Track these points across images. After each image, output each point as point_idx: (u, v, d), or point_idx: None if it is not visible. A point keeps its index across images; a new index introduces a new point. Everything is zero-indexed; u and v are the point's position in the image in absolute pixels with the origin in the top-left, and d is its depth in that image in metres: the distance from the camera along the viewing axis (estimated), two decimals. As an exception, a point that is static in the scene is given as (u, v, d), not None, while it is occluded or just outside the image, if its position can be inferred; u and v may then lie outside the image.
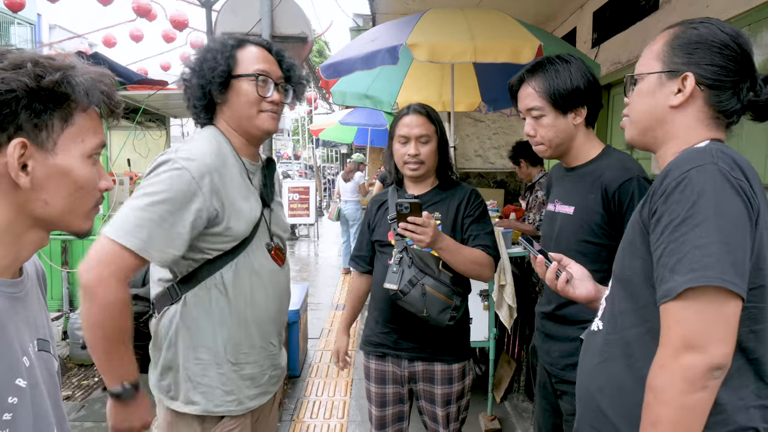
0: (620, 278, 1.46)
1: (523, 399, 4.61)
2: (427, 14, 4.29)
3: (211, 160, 1.83)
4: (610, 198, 2.02)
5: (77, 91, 1.05)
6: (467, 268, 2.40)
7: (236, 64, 1.92)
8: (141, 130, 6.51)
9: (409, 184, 2.62)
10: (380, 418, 2.67)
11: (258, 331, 1.97)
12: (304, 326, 5.60)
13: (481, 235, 2.48)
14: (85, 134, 1.09)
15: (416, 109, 2.53)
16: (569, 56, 2.18)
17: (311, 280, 9.81)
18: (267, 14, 4.80)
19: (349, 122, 12.28)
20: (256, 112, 1.93)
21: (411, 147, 2.48)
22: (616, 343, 1.43)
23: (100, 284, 1.64)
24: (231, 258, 1.89)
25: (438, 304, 2.33)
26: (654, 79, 1.48)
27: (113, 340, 1.69)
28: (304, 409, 4.61)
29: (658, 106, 1.47)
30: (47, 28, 27.68)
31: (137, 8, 10.62)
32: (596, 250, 2.05)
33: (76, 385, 5.02)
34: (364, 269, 2.78)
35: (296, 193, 13.37)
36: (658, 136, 1.49)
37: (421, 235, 2.19)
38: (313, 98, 23.56)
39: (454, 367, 2.55)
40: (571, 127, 2.14)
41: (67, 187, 1.07)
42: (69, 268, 5.90)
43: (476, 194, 2.58)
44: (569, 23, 7.03)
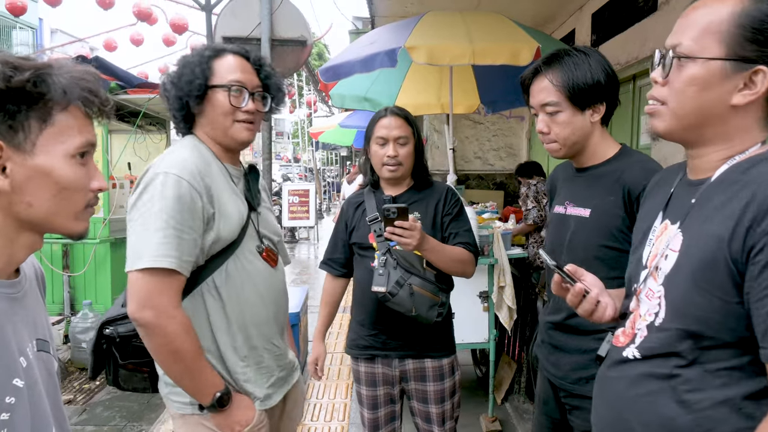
0: (681, 312, 1.20)
1: (524, 400, 4.61)
2: (425, 17, 4.31)
3: (196, 163, 1.84)
4: (634, 200, 1.85)
5: (53, 90, 1.03)
6: (450, 266, 2.44)
7: (212, 74, 1.92)
8: (141, 133, 6.53)
9: (386, 186, 2.63)
10: (373, 420, 2.67)
11: (257, 333, 1.96)
12: (304, 329, 5.60)
13: (460, 233, 2.52)
14: (67, 133, 1.06)
15: (394, 111, 2.55)
16: (588, 48, 2.00)
17: (311, 282, 9.81)
18: (266, 18, 4.82)
19: (349, 125, 12.30)
20: (230, 122, 1.93)
21: (390, 148, 2.49)
22: (668, 377, 1.22)
23: (162, 318, 1.68)
24: (221, 262, 1.88)
25: (426, 302, 2.36)
26: (716, 67, 1.17)
27: (193, 361, 1.75)
28: (305, 412, 4.61)
29: (716, 101, 1.19)
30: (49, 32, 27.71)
31: (138, 12, 10.65)
32: (616, 256, 1.89)
33: (78, 388, 5.02)
34: (338, 272, 2.77)
35: (296, 196, 13.40)
36: (705, 135, 1.24)
37: (409, 238, 2.21)
38: (312, 101, 23.58)
39: (444, 362, 2.57)
40: (588, 124, 1.97)
41: (50, 189, 1.05)
42: (70, 271, 5.92)
43: (452, 192, 2.62)
44: (568, 25, 7.05)
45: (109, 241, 5.93)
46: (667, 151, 4.55)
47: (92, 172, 1.12)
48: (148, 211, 1.73)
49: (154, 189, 1.75)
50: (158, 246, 1.69)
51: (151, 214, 1.72)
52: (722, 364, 1.15)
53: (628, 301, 1.43)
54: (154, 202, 1.73)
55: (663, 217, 1.37)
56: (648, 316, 1.30)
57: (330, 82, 4.64)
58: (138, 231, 1.73)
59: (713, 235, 1.14)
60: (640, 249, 1.43)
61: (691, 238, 1.21)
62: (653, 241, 1.36)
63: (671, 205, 1.36)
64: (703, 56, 1.19)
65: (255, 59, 2.03)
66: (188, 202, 1.75)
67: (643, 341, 1.30)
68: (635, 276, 1.41)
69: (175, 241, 1.71)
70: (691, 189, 1.29)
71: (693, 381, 1.18)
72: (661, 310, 1.26)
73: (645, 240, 1.41)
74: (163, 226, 1.71)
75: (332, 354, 6.01)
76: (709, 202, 1.20)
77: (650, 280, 1.32)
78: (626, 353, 1.33)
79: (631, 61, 5.18)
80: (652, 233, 1.39)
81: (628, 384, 1.31)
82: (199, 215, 1.79)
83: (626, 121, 5.50)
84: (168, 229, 1.71)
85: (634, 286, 1.39)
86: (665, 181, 1.48)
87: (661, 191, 1.46)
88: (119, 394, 4.89)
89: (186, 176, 1.77)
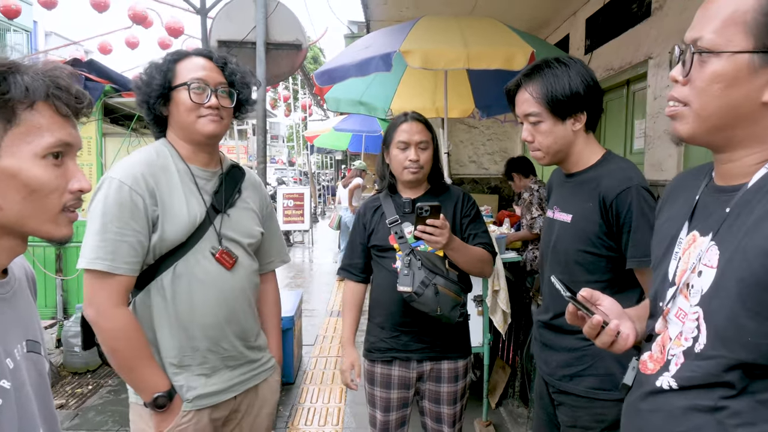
0: (727, 338, 1.06)
1: (518, 404, 4.61)
2: (420, 21, 4.32)
3: (142, 167, 1.93)
4: (608, 208, 1.93)
5: (14, 88, 0.99)
6: (472, 265, 2.50)
7: (174, 76, 1.99)
8: (136, 136, 6.50)
9: (404, 189, 2.66)
10: (384, 423, 2.68)
11: (202, 335, 1.99)
12: (298, 333, 5.59)
13: (479, 234, 2.59)
14: (34, 133, 1.02)
15: (415, 117, 2.61)
16: (569, 59, 2.07)
17: (306, 286, 9.79)
18: (261, 21, 4.81)
19: (344, 128, 12.31)
20: (195, 117, 1.98)
21: (411, 152, 2.54)
22: (714, 410, 1.09)
23: (100, 316, 1.83)
24: (171, 262, 1.95)
25: (450, 302, 2.42)
26: (743, 61, 1.05)
27: (131, 359, 1.87)
28: (299, 416, 4.60)
29: (745, 99, 1.06)
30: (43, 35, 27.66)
31: (133, 15, 10.65)
32: (594, 260, 1.98)
33: (70, 393, 4.99)
34: (359, 278, 2.77)
35: (291, 200, 13.36)
36: (736, 137, 1.11)
37: (439, 237, 2.26)
38: (307, 105, 23.57)
39: (459, 364, 2.62)
40: (570, 133, 2.03)
41: (19, 191, 1.01)
42: (63, 275, 5.89)
43: (468, 196, 2.69)
44: (562, 30, 7.08)
45: (103, 244, 5.91)
46: (660, 156, 4.57)
47: (71, 173, 1.08)
48: (92, 215, 1.86)
49: (100, 193, 1.87)
50: (95, 248, 1.82)
51: (93, 217, 1.85)
52: None
53: (653, 322, 1.30)
54: (97, 206, 1.86)
55: (689, 227, 1.23)
56: (685, 341, 1.15)
57: (325, 85, 4.65)
58: (86, 232, 1.85)
59: (758, 249, 1.01)
60: (664, 263, 1.29)
61: (733, 253, 1.07)
62: (680, 254, 1.23)
63: (698, 214, 1.23)
64: (728, 50, 1.06)
65: (219, 58, 2.09)
66: (129, 206, 1.86)
67: (681, 369, 1.15)
68: (661, 293, 1.28)
69: (113, 245, 1.82)
70: (723, 196, 1.16)
71: (743, 413, 1.05)
72: (701, 334, 1.11)
73: (669, 253, 1.28)
74: (101, 229, 1.83)
75: (326, 358, 6.00)
76: (748, 211, 1.07)
77: (680, 299, 1.19)
78: (660, 383, 1.18)
79: (624, 66, 5.21)
80: (677, 246, 1.25)
81: (667, 418, 1.17)
82: (142, 217, 1.88)
83: (620, 125, 5.52)
84: (106, 233, 1.83)
85: (660, 304, 1.26)
86: (685, 187, 1.35)
87: (681, 198, 1.34)
88: (112, 399, 4.88)
89: (128, 181, 1.87)
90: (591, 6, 6.06)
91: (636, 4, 5.01)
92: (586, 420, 2.01)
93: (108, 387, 5.13)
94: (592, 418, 2.00)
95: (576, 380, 2.03)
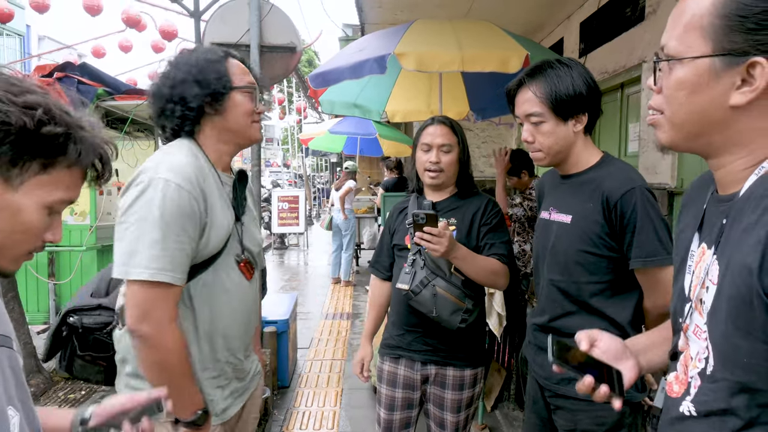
0: (726, 359, 1.03)
1: (514, 407, 4.61)
2: (414, 24, 4.32)
3: (192, 168, 1.81)
4: (611, 208, 1.92)
5: (71, 151, 1.06)
6: (481, 277, 2.45)
7: (231, 77, 1.92)
8: (129, 140, 6.49)
9: (429, 192, 2.69)
10: (388, 421, 2.69)
11: (223, 346, 1.93)
12: (293, 336, 5.58)
13: (496, 244, 2.53)
14: (56, 187, 1.09)
15: (441, 120, 2.62)
16: (570, 60, 2.08)
17: (301, 289, 9.78)
18: (256, 24, 4.80)
19: (339, 131, 12.28)
20: (249, 122, 1.95)
21: (432, 155, 2.55)
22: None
23: (159, 331, 1.70)
24: (201, 272, 1.86)
25: (449, 306, 2.39)
26: (703, 66, 1.04)
27: (183, 376, 1.77)
28: (294, 420, 4.58)
29: (712, 104, 1.04)
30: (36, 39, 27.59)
31: (126, 19, 10.61)
32: (595, 261, 1.98)
33: (63, 398, 4.96)
34: (384, 275, 2.84)
35: (286, 202, 13.36)
36: (714, 143, 1.09)
37: (437, 245, 2.25)
38: (302, 107, 23.56)
39: (466, 373, 2.59)
40: (571, 134, 2.03)
41: (12, 226, 1.06)
42: (55, 279, 5.86)
43: (493, 203, 2.64)
44: (556, 33, 7.09)
45: (95, 248, 5.88)
46: (654, 159, 4.58)
47: (53, 225, 1.14)
48: (146, 219, 1.70)
49: (153, 195, 1.71)
50: (157, 258, 1.67)
51: (149, 223, 1.69)
52: None
53: (676, 339, 1.25)
54: (152, 210, 1.70)
55: (699, 239, 1.20)
56: (699, 363, 1.11)
57: (319, 88, 4.64)
58: (134, 237, 1.70)
59: (742, 265, 0.97)
60: (680, 278, 1.25)
61: (726, 268, 1.03)
62: (693, 268, 1.19)
63: (705, 225, 1.19)
64: (688, 56, 1.05)
65: (247, 64, 2.05)
66: (188, 213, 1.74)
67: (698, 393, 1.10)
68: (680, 309, 1.23)
69: (174, 254, 1.70)
70: (721, 206, 1.12)
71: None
72: (710, 354, 1.07)
73: (684, 266, 1.24)
74: (162, 237, 1.68)
75: (321, 361, 5.99)
76: (738, 222, 1.03)
77: (695, 315, 1.15)
78: (683, 408, 1.13)
79: (618, 70, 5.22)
80: (690, 259, 1.22)
81: None
82: (197, 225, 1.77)
83: (614, 129, 5.53)
84: (167, 241, 1.69)
85: (680, 320, 1.22)
86: (696, 196, 1.31)
87: (694, 207, 1.30)
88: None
89: (186, 185, 1.75)
90: (585, 10, 6.07)
91: (630, 8, 5.02)
92: (587, 423, 2.00)
93: (101, 392, 5.09)
94: (592, 421, 1.99)
95: (574, 383, 1.99)
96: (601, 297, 2.00)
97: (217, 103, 1.90)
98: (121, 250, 1.71)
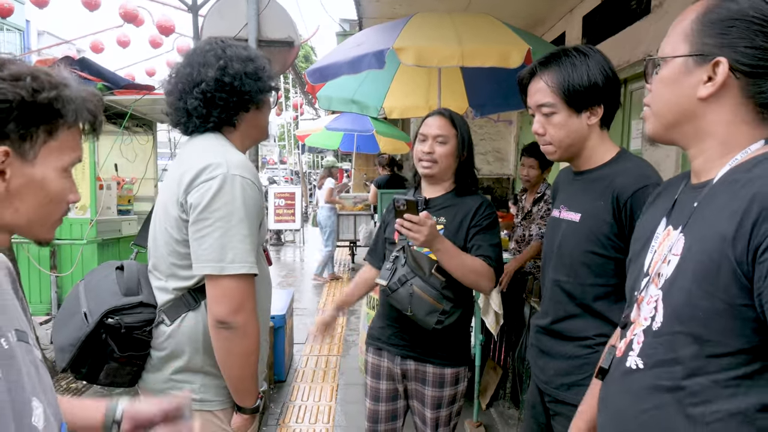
0: (684, 316, 1.16)
1: (509, 406, 4.60)
2: (414, 18, 4.30)
3: (250, 163, 1.90)
4: (622, 206, 1.82)
5: (68, 110, 1.08)
6: (463, 274, 2.37)
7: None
8: (128, 135, 6.46)
9: (425, 186, 2.67)
10: (373, 412, 2.70)
11: (263, 329, 2.00)
12: (290, 331, 5.57)
13: (484, 246, 2.45)
14: (64, 150, 1.11)
15: (440, 112, 2.60)
16: (588, 48, 1.96)
17: (297, 285, 9.77)
18: (253, 18, 4.78)
19: (335, 127, 12.26)
20: (268, 121, 2.06)
21: (427, 145, 2.53)
22: (673, 390, 1.17)
23: (249, 321, 1.81)
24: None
25: (425, 306, 2.34)
26: (679, 64, 1.24)
27: (254, 366, 1.90)
28: (290, 414, 4.58)
29: (684, 97, 1.23)
30: (36, 33, 27.57)
31: (124, 14, 10.60)
32: (602, 263, 1.88)
33: (65, 388, 4.99)
34: (377, 265, 2.83)
35: (282, 199, 13.33)
36: (687, 133, 1.27)
37: (416, 233, 2.22)
38: (299, 104, 23.53)
39: (446, 372, 2.54)
40: (585, 127, 1.93)
41: (39, 198, 1.09)
42: (57, 272, 5.85)
43: (487, 205, 2.56)
44: (558, 27, 7.07)
45: (96, 241, 5.87)
46: (659, 156, 4.56)
47: (72, 186, 1.17)
48: (231, 215, 1.77)
49: (234, 192, 1.78)
50: (249, 252, 1.78)
51: (236, 219, 1.77)
52: (731, 374, 1.10)
53: (629, 311, 1.38)
54: (236, 206, 1.77)
55: (666, 223, 1.33)
56: (644, 321, 1.27)
57: (317, 83, 4.63)
58: (221, 233, 1.76)
59: (715, 235, 1.11)
60: (641, 257, 1.39)
61: (693, 240, 1.17)
62: (655, 248, 1.33)
63: (675, 211, 1.32)
64: (670, 55, 1.26)
65: None
66: (260, 207, 1.86)
67: (643, 348, 1.25)
68: (637, 284, 1.36)
69: (255, 248, 1.83)
70: (694, 192, 1.26)
71: (700, 393, 1.13)
72: (657, 313, 1.22)
73: (646, 247, 1.37)
74: (249, 233, 1.79)
75: (317, 357, 5.98)
76: (711, 203, 1.17)
77: (651, 287, 1.28)
78: (629, 363, 1.28)
79: (622, 65, 5.15)
80: (654, 240, 1.35)
81: (633, 399, 1.25)
82: (262, 217, 1.90)
83: (617, 125, 5.49)
84: (252, 236, 1.81)
85: (636, 293, 1.35)
86: (668, 190, 1.44)
87: (663, 200, 1.44)
88: (105, 394, 4.82)
89: (256, 181, 1.86)
90: (588, 2, 6.02)
91: (635, 1, 4.96)
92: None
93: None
94: None
95: (575, 390, 1.92)
96: (605, 301, 1.90)
97: (261, 99, 1.99)
98: (209, 247, 1.77)
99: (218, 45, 1.95)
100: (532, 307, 3.87)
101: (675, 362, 1.16)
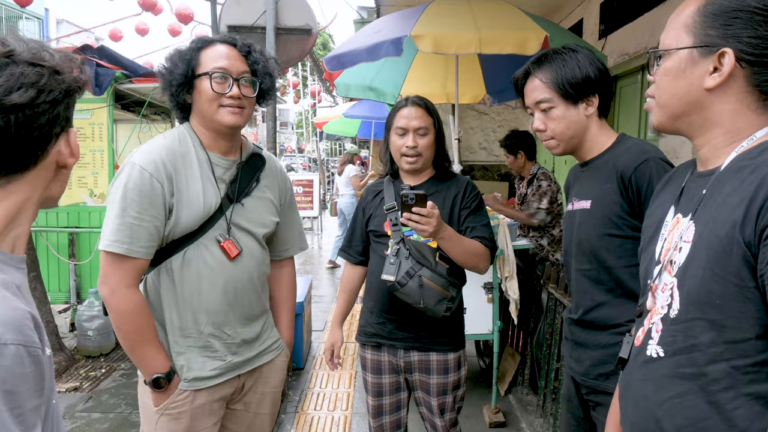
0: (699, 302, 1.17)
1: (527, 392, 4.61)
2: (431, 5, 4.28)
3: (163, 153, 1.98)
4: (627, 184, 1.87)
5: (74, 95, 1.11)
6: (465, 258, 2.41)
7: (198, 64, 2.01)
8: (146, 122, 6.52)
9: (405, 176, 2.61)
10: (376, 407, 2.68)
11: (206, 320, 2.05)
12: (308, 318, 5.61)
13: (477, 227, 2.48)
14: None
15: (415, 101, 2.53)
16: (576, 45, 2.06)
17: (314, 272, 9.82)
18: (271, 6, 4.79)
19: (353, 115, 12.28)
20: (216, 107, 2.00)
21: (409, 139, 2.48)
22: (696, 377, 1.18)
23: (113, 295, 1.91)
24: (181, 248, 2.02)
25: (435, 296, 2.34)
26: (684, 56, 1.26)
27: (136, 341, 1.96)
28: (309, 401, 4.62)
29: (691, 88, 1.25)
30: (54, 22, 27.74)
31: (143, 2, 10.65)
32: (620, 243, 1.91)
33: (84, 376, 5.04)
34: (356, 260, 2.78)
35: (300, 186, 13.37)
36: (694, 123, 1.29)
37: (425, 225, 2.19)
38: (317, 91, 23.53)
39: (450, 357, 2.55)
40: (583, 118, 1.99)
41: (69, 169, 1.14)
42: (76, 260, 5.93)
43: (472, 186, 2.59)
44: (576, 14, 7.00)
45: (113, 229, 5.95)
46: (676, 143, 4.53)
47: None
48: (113, 198, 1.93)
49: (121, 178, 1.93)
50: (114, 232, 1.88)
51: (113, 201, 1.92)
52: (750, 360, 1.10)
53: (644, 299, 1.40)
54: (118, 191, 1.92)
55: (675, 211, 1.35)
56: (661, 310, 1.28)
57: (335, 71, 4.62)
58: (107, 213, 1.94)
59: (726, 220, 1.13)
60: (651, 245, 1.41)
61: (704, 227, 1.19)
62: (665, 235, 1.35)
63: (683, 198, 1.35)
64: (674, 47, 1.28)
65: (242, 46, 2.09)
66: (149, 192, 1.92)
67: (662, 335, 1.26)
68: (650, 273, 1.39)
69: (131, 229, 1.89)
70: (702, 180, 1.28)
71: (722, 380, 1.13)
72: (674, 301, 1.23)
73: (656, 236, 1.40)
74: (120, 213, 1.89)
75: (336, 344, 6.01)
76: (720, 190, 1.19)
77: (665, 275, 1.30)
78: (649, 351, 1.29)
79: (639, 52, 5.11)
80: (663, 228, 1.37)
81: (656, 387, 1.26)
82: (160, 203, 1.94)
83: (634, 112, 5.47)
84: (125, 218, 1.89)
85: (649, 282, 1.37)
86: (676, 178, 1.47)
87: (671, 187, 1.46)
88: (125, 382, 4.91)
89: (149, 167, 1.93)
90: (605, -10, 5.97)
91: (653, -13, 4.91)
92: None
93: (121, 370, 5.17)
94: None
95: (613, 378, 1.88)
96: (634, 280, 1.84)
97: (187, 91, 2.04)
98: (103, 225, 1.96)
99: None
100: (550, 293, 3.86)
101: (695, 349, 1.17)
